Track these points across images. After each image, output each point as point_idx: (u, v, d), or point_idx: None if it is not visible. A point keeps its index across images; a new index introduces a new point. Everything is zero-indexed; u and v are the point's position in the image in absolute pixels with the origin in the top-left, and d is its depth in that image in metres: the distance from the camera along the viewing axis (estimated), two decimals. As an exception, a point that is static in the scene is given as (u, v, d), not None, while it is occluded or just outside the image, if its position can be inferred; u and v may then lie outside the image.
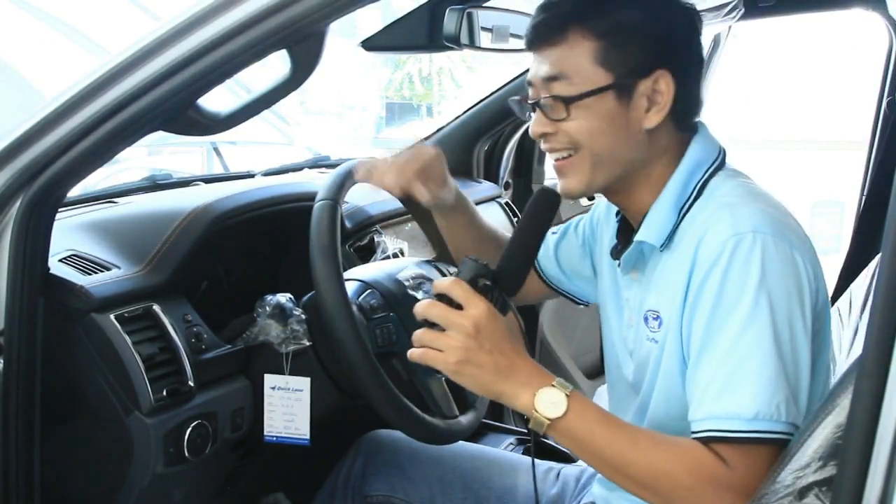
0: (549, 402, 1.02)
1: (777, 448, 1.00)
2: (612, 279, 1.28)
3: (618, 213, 1.27)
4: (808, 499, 0.95)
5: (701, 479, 1.00)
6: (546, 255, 1.49)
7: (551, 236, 1.49)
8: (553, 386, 1.03)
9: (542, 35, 1.14)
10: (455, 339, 1.03)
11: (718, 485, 0.99)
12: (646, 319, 1.16)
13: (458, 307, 1.05)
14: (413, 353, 1.08)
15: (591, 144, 1.13)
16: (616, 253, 1.24)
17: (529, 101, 1.17)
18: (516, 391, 1.04)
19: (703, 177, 1.14)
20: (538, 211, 1.15)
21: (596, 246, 1.39)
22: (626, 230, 1.22)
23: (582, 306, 1.53)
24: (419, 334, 1.07)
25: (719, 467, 1.00)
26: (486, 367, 1.04)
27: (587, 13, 1.11)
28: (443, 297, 1.06)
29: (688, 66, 1.15)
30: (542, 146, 1.18)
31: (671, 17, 1.14)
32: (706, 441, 1.02)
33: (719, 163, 1.16)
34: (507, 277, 1.11)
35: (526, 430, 1.86)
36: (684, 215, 1.13)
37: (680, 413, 1.09)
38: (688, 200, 1.13)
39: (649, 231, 1.15)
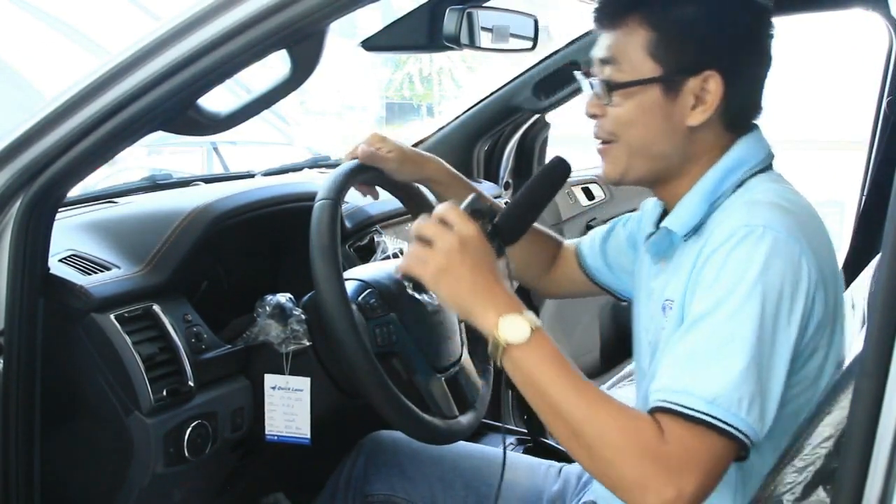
0: (511, 327, 1.03)
1: (724, 444, 0.97)
2: (645, 270, 1.28)
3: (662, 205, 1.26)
4: (809, 498, 0.95)
5: (629, 442, 0.96)
6: (592, 248, 1.50)
7: (596, 232, 1.52)
8: (521, 315, 1.03)
9: (604, 16, 1.15)
10: (440, 250, 1.06)
11: (644, 453, 0.95)
12: (663, 309, 1.15)
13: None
14: (399, 264, 1.12)
15: (629, 136, 1.14)
16: (648, 238, 1.23)
17: (587, 78, 1.17)
18: (486, 311, 1.04)
19: (740, 177, 1.13)
20: (550, 175, 1.20)
21: (639, 240, 1.38)
22: (664, 218, 1.22)
23: (624, 303, 1.50)
24: (409, 248, 1.10)
25: (654, 438, 0.96)
26: (463, 281, 1.05)
27: (649, 2, 1.11)
28: (440, 222, 1.10)
29: (743, 69, 1.13)
30: (594, 130, 1.19)
31: (732, 18, 1.12)
32: (656, 410, 0.99)
33: (764, 166, 1.14)
34: (508, 224, 1.16)
35: (526, 430, 1.87)
36: (715, 209, 1.12)
37: None
38: (720, 196, 1.12)
39: (675, 219, 1.15)
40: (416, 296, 1.44)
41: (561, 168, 1.20)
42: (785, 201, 1.08)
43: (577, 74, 1.21)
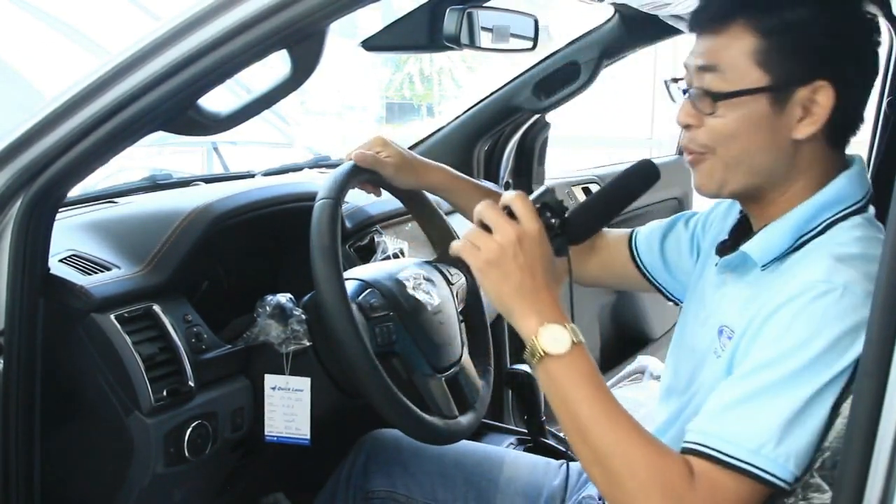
0: (553, 337, 1.00)
1: (759, 490, 0.95)
2: (705, 273, 1.24)
3: (741, 210, 1.20)
4: (809, 498, 0.95)
5: (655, 480, 0.94)
6: (649, 243, 1.44)
7: (658, 225, 1.45)
8: (564, 326, 1.01)
9: (704, 20, 1.08)
10: (495, 241, 1.03)
11: (669, 494, 0.94)
12: (720, 332, 1.11)
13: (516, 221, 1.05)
14: (453, 245, 1.08)
15: (728, 149, 1.07)
16: (721, 249, 1.18)
17: (681, 88, 1.11)
18: (528, 314, 1.02)
19: (834, 215, 1.06)
20: (633, 177, 1.14)
21: (704, 242, 1.34)
22: (743, 230, 1.17)
23: (672, 303, 1.47)
24: (468, 230, 1.07)
25: (682, 479, 0.94)
26: (511, 277, 1.02)
27: (756, 6, 1.04)
28: (506, 209, 1.06)
29: (853, 80, 1.06)
30: (683, 136, 1.12)
31: (845, 25, 1.05)
32: (690, 451, 0.97)
33: (859, 207, 1.08)
34: (577, 222, 1.11)
35: (526, 430, 1.87)
36: (801, 246, 1.06)
37: None
38: (809, 233, 1.06)
39: (757, 246, 1.09)
40: (417, 296, 1.44)
41: (647, 171, 1.13)
42: (870, 259, 1.00)
43: (667, 81, 1.14)
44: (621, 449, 0.96)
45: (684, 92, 1.10)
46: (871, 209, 1.11)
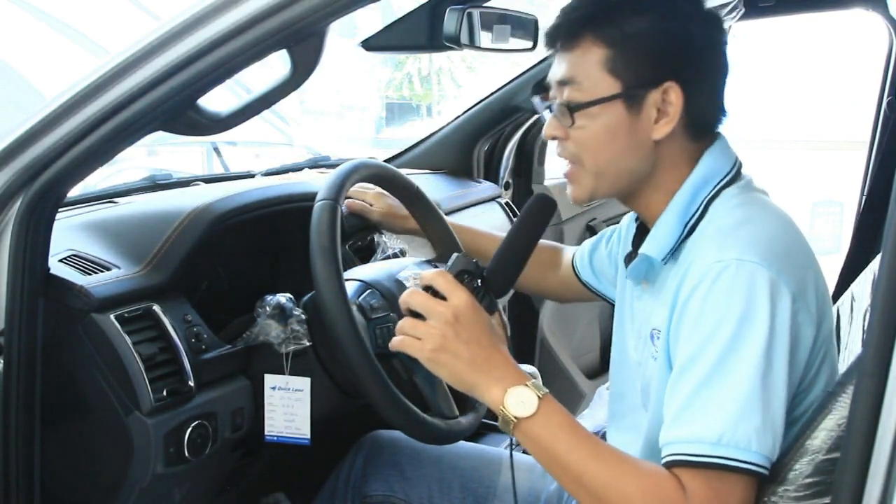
0: (519, 400, 1.02)
1: (746, 480, 0.96)
2: (628, 290, 1.28)
3: (637, 219, 1.26)
4: (809, 498, 0.95)
5: (654, 503, 0.96)
6: (582, 260, 1.54)
7: (587, 243, 1.55)
8: (526, 386, 1.02)
9: (557, 38, 1.15)
10: (434, 327, 1.05)
11: None
12: (651, 337, 1.15)
13: (443, 298, 1.06)
14: (393, 342, 1.09)
15: (594, 157, 1.13)
16: (627, 259, 1.23)
17: (545, 102, 1.17)
18: (489, 385, 1.03)
19: (710, 192, 1.12)
20: (532, 216, 1.16)
21: (621, 255, 1.39)
22: (642, 237, 1.21)
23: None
24: (401, 323, 1.08)
25: (676, 494, 0.96)
26: (461, 357, 1.04)
27: (599, 20, 1.11)
28: (428, 289, 1.08)
29: (702, 77, 1.13)
30: (556, 150, 1.18)
31: (684, 28, 1.12)
32: (670, 465, 0.99)
33: (730, 177, 1.14)
34: (496, 278, 1.12)
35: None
36: (690, 231, 1.11)
37: None
38: (693, 216, 1.12)
39: (652, 244, 1.14)
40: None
41: (542, 205, 1.16)
42: (753, 221, 1.07)
43: (534, 100, 1.21)
44: (613, 485, 0.98)
45: (549, 108, 1.16)
46: (746, 176, 1.16)
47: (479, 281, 1.10)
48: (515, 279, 1.15)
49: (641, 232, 1.23)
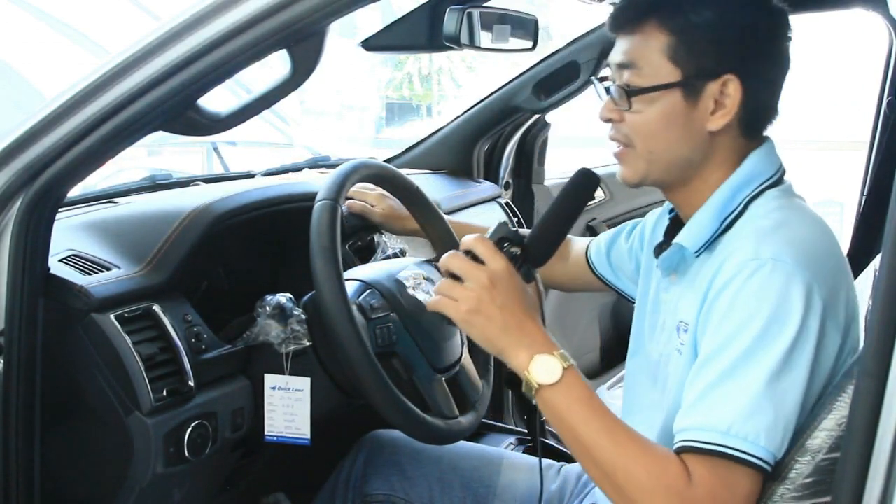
0: (543, 368, 1.04)
1: (751, 474, 0.97)
2: (651, 281, 1.28)
3: (671, 212, 1.26)
4: (810, 498, 0.95)
5: (656, 484, 0.98)
6: (598, 253, 1.54)
7: (604, 236, 1.55)
8: (552, 355, 1.05)
9: (621, 21, 1.15)
10: (470, 289, 1.07)
11: (671, 496, 0.97)
12: (678, 329, 1.15)
13: (481, 263, 1.08)
14: (430, 302, 1.11)
15: (646, 142, 1.13)
16: (658, 250, 1.23)
17: (604, 84, 1.17)
18: (517, 350, 1.06)
19: (752, 192, 1.12)
20: (575, 190, 1.17)
21: (643, 251, 1.40)
22: (675, 230, 1.21)
23: (632, 303, 1.51)
24: (439, 283, 1.11)
25: (681, 480, 0.97)
26: (494, 320, 1.06)
27: (666, 6, 1.11)
28: (468, 254, 1.10)
29: (761, 72, 1.12)
30: (609, 132, 1.18)
31: (749, 21, 1.11)
32: (680, 451, 1.01)
33: (773, 181, 1.14)
34: (536, 248, 1.14)
35: (526, 430, 1.87)
36: (727, 228, 1.12)
37: None
38: (732, 213, 1.12)
39: (687, 235, 1.15)
40: (417, 296, 1.44)
41: (587, 180, 1.18)
42: (791, 225, 1.08)
43: (593, 80, 1.20)
44: (622, 462, 1.00)
45: (607, 90, 1.16)
46: (788, 182, 1.16)
47: (519, 249, 1.12)
48: (555, 250, 1.16)
49: (675, 224, 1.23)
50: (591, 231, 2.50)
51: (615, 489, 1.01)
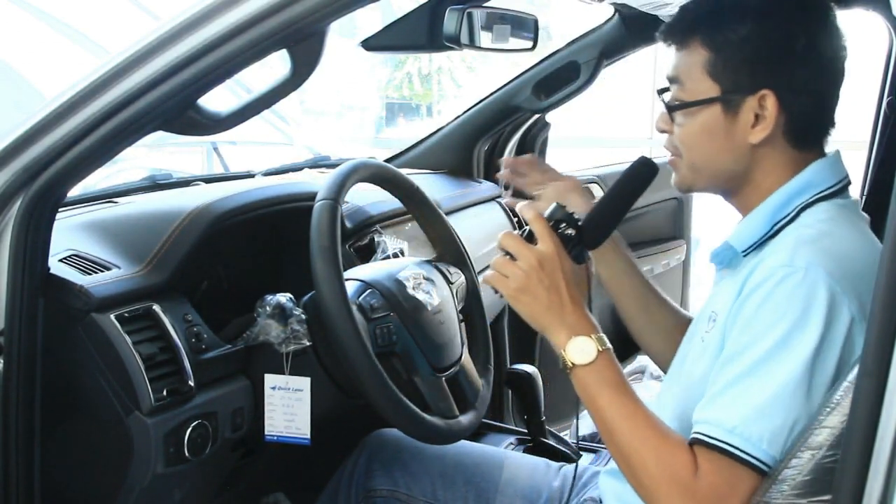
0: (580, 348, 1.10)
1: (750, 474, 1.00)
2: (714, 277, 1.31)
3: None
4: (809, 495, 0.95)
5: (664, 473, 1.02)
6: None
7: None
8: (590, 337, 1.10)
9: (670, 36, 1.18)
10: (521, 268, 1.13)
11: (677, 485, 1.01)
12: (709, 318, 1.17)
13: (535, 243, 1.13)
14: (485, 275, 1.18)
15: (690, 153, 1.18)
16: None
17: (663, 95, 1.21)
18: (558, 329, 1.12)
19: (806, 200, 1.13)
20: (633, 177, 1.23)
21: None
22: None
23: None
24: (494, 259, 1.17)
25: (688, 470, 1.01)
26: (539, 300, 1.12)
27: (709, 23, 1.14)
28: (524, 232, 1.16)
29: (803, 85, 1.12)
30: (664, 142, 1.23)
31: (785, 35, 1.12)
32: (692, 443, 1.04)
33: (830, 192, 1.14)
34: (591, 229, 1.19)
35: (526, 430, 1.87)
36: (777, 232, 1.13)
37: None
38: (783, 218, 1.13)
39: (736, 235, 1.17)
40: (417, 296, 1.44)
41: (645, 169, 1.22)
42: (833, 237, 1.08)
43: (658, 90, 1.24)
44: (636, 447, 1.06)
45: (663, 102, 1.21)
46: (850, 196, 1.18)
47: (574, 231, 1.16)
48: (609, 234, 1.23)
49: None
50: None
51: (630, 472, 1.06)
